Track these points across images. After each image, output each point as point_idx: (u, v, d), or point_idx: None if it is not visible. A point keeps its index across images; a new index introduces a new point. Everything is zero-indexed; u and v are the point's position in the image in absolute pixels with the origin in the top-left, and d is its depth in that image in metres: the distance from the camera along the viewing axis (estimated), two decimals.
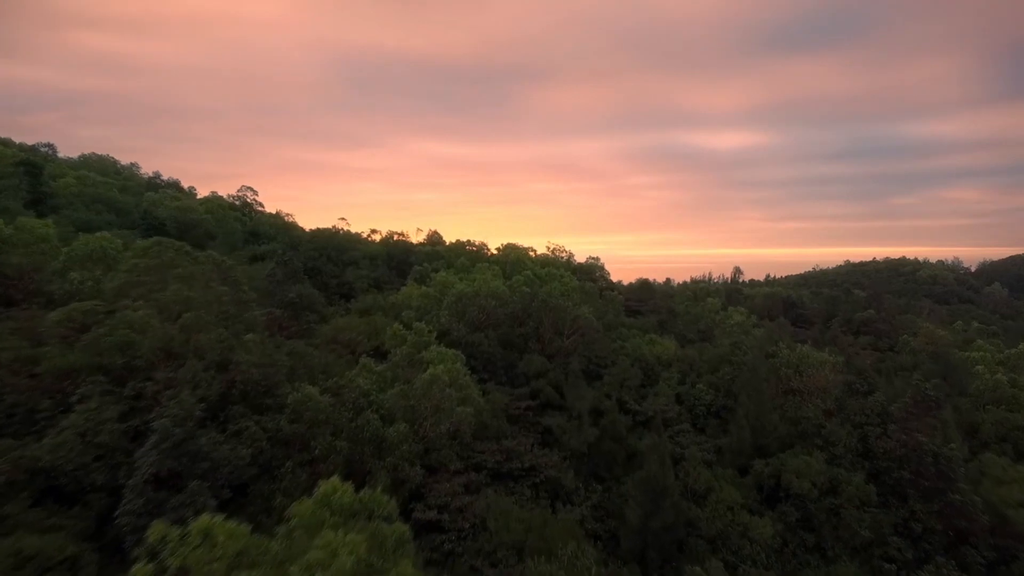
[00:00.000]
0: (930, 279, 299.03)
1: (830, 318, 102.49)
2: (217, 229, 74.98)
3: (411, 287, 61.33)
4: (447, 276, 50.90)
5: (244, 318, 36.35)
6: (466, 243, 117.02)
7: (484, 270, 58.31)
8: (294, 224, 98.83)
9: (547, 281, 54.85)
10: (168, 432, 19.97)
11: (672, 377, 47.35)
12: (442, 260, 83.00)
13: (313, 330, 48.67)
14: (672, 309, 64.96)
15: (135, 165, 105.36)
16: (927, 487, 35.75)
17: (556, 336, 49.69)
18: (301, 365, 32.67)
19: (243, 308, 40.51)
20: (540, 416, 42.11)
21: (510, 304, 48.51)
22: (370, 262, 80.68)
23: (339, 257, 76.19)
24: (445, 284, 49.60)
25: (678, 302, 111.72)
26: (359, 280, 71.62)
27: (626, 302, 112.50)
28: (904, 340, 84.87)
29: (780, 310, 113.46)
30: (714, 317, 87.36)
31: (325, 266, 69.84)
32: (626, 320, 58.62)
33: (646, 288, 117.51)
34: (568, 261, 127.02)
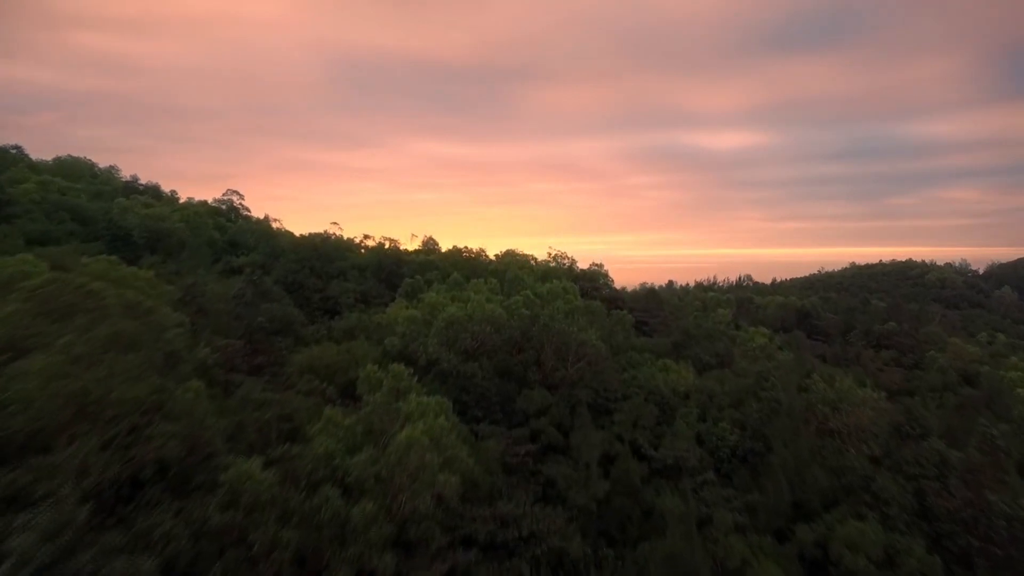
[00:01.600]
0: (939, 282, 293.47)
1: (848, 331, 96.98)
2: (192, 239, 69.40)
3: (399, 306, 55.81)
4: (437, 296, 45.36)
5: (193, 357, 30.72)
6: (463, 250, 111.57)
7: (479, 287, 52.76)
8: (281, 231, 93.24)
9: (549, 300, 49.27)
10: (28, 556, 14.48)
11: (690, 413, 41.72)
12: (436, 271, 77.39)
13: (285, 359, 43.08)
14: (687, 331, 59.23)
15: (114, 168, 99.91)
16: (1000, 557, 30.21)
17: (559, 364, 44.13)
18: (252, 420, 27.05)
19: (198, 340, 34.93)
20: (541, 463, 36.52)
21: (507, 329, 42.93)
22: (359, 273, 75.10)
23: (324, 269, 70.59)
24: (435, 306, 44.04)
25: (688, 312, 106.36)
26: (345, 295, 66.02)
27: (632, 311, 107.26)
28: (931, 357, 79.28)
29: (794, 321, 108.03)
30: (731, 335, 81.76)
31: (308, 280, 64.23)
32: (636, 342, 52.99)
33: (653, 297, 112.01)
34: (571, 267, 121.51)
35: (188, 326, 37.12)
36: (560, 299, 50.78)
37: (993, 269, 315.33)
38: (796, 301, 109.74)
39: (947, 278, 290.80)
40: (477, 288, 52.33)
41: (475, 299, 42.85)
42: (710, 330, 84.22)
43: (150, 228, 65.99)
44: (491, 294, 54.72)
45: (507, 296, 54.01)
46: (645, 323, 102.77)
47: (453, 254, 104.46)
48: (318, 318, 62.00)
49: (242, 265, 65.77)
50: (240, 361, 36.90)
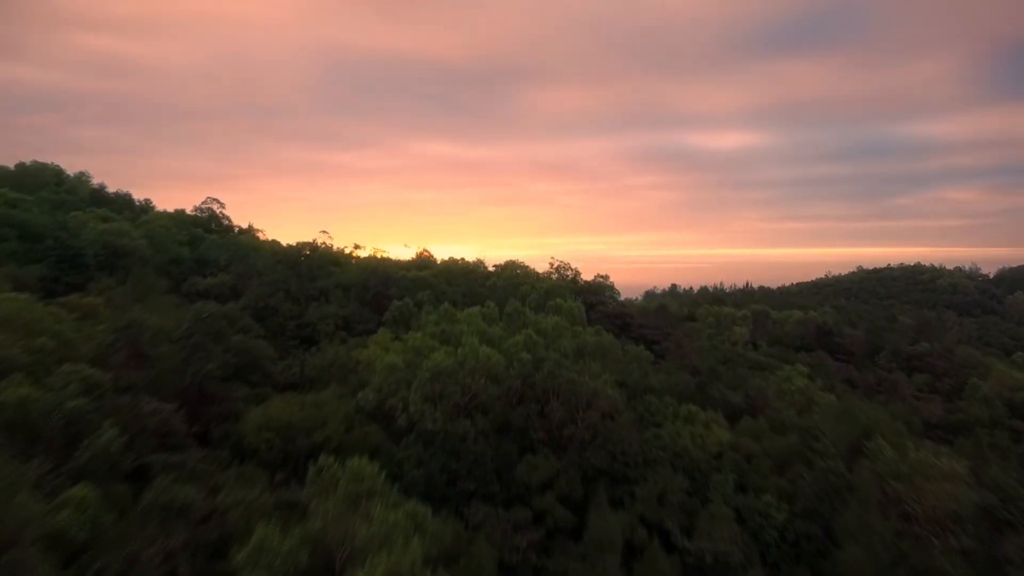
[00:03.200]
0: (950, 287, 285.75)
1: (875, 351, 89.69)
2: (155, 257, 62.26)
3: (382, 339, 48.70)
4: (423, 338, 38.26)
5: (93, 444, 23.50)
6: (459, 261, 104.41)
7: (473, 319, 45.57)
8: (265, 242, 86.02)
9: (554, 337, 42.15)
10: None
11: (726, 481, 34.59)
12: (428, 290, 70.24)
13: (240, 412, 35.95)
14: (713, 369, 52.01)
15: (84, 175, 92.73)
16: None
17: (568, 418, 37.00)
18: (153, 550, 19.83)
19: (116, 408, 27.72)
20: (547, 555, 29.44)
21: (506, 379, 35.82)
22: (343, 293, 67.93)
23: (303, 289, 63.44)
24: (419, 349, 36.94)
25: (702, 328, 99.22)
26: (324, 321, 58.86)
27: (641, 329, 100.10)
28: (973, 385, 72.08)
29: (813, 338, 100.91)
30: (752, 360, 74.84)
31: (282, 304, 57.06)
32: (654, 381, 45.81)
33: (664, 315, 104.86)
34: (574, 279, 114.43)
35: (109, 385, 30.08)
36: (567, 336, 43.59)
37: (1004, 273, 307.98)
38: (815, 316, 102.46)
39: (958, 283, 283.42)
40: (471, 321, 45.19)
41: (467, 342, 35.74)
42: (730, 356, 77.24)
43: (107, 245, 58.86)
44: (487, 325, 47.56)
45: (506, 325, 46.85)
46: (656, 342, 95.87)
47: (449, 267, 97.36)
48: (293, 349, 54.84)
49: (209, 288, 58.62)
50: (174, 430, 29.73)
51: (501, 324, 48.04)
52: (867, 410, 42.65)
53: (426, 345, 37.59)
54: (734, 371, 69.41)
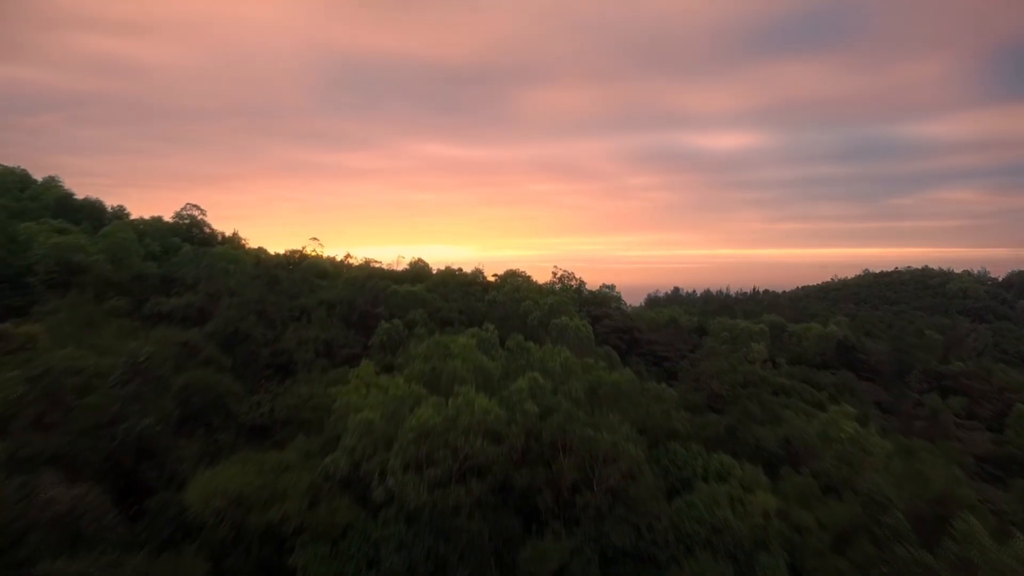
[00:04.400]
0: (960, 292, 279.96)
1: (903, 369, 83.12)
2: (116, 273, 55.88)
3: (365, 371, 42.21)
4: (407, 383, 31.78)
5: None
6: (456, 272, 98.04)
7: (469, 350, 39.15)
8: (247, 252, 79.60)
9: (566, 378, 35.73)
10: None
11: (777, 566, 28.17)
12: (421, 308, 63.88)
13: (186, 475, 29.52)
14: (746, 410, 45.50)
15: (53, 179, 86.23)
16: None
17: (581, 480, 30.65)
18: None
19: None
20: None
21: (507, 436, 29.40)
22: (327, 312, 61.56)
23: (282, 309, 57.06)
24: (402, 399, 30.51)
25: (716, 341, 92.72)
26: (303, 346, 52.50)
27: (651, 345, 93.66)
28: (1020, 412, 65.49)
29: (835, 355, 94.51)
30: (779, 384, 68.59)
31: (255, 329, 50.62)
32: (678, 425, 39.34)
33: (675, 329, 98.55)
34: (579, 289, 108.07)
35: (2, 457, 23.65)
36: (577, 373, 37.11)
37: (1013, 277, 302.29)
38: (835, 330, 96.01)
39: (969, 288, 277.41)
40: (467, 355, 38.76)
41: (461, 392, 29.29)
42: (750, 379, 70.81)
43: (60, 261, 52.45)
44: (486, 358, 41.16)
45: (508, 359, 40.39)
46: (667, 359, 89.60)
47: (445, 279, 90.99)
48: (266, 381, 48.48)
49: (173, 310, 52.19)
50: (83, 517, 23.22)
51: (502, 356, 41.63)
52: (935, 465, 36.32)
53: (411, 394, 31.17)
54: (759, 400, 63.10)
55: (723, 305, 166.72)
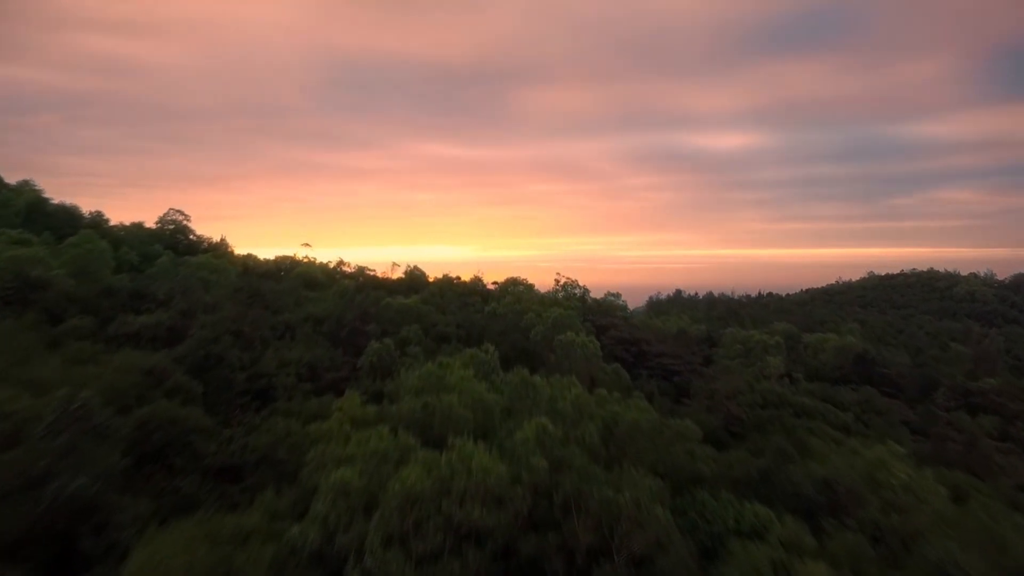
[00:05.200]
0: (968, 296, 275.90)
1: (929, 385, 78.31)
2: (81, 288, 51.09)
3: (349, 404, 37.52)
4: (391, 434, 26.93)
5: None
6: (455, 281, 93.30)
7: (466, 384, 34.44)
8: (234, 259, 74.69)
9: (578, 419, 30.94)
10: None
11: None
12: (416, 324, 59.10)
13: (128, 548, 24.75)
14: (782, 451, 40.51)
15: (27, 184, 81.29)
16: None
17: (598, 548, 25.87)
18: None
19: None
20: None
21: (512, 499, 24.63)
22: (313, 329, 56.79)
23: (264, 327, 52.29)
24: (386, 453, 25.68)
25: (728, 354, 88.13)
26: (284, 369, 47.76)
27: (659, 357, 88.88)
28: None
29: (854, 368, 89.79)
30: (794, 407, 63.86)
31: (230, 352, 45.82)
32: (702, 466, 34.56)
33: (684, 341, 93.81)
34: (583, 297, 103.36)
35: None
36: (592, 413, 32.30)
37: (1021, 278, 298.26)
38: (853, 342, 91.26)
39: (976, 290, 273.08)
40: (464, 386, 34.03)
41: (457, 447, 24.51)
42: (769, 398, 66.10)
43: (18, 276, 47.63)
44: (485, 387, 36.41)
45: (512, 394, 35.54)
46: (677, 373, 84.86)
47: (442, 288, 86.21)
48: (242, 411, 43.71)
49: (141, 329, 47.39)
50: None
51: (505, 388, 36.82)
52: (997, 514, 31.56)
53: (397, 446, 26.38)
54: (782, 425, 58.41)
55: (730, 311, 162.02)
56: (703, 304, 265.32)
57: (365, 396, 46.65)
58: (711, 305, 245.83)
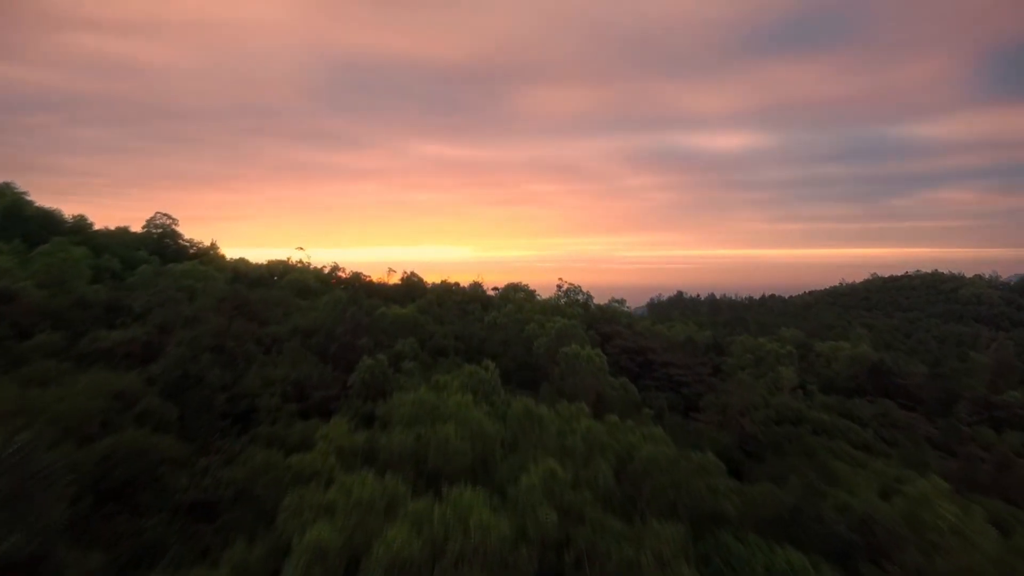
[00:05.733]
0: (974, 298, 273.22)
1: (948, 398, 74.93)
2: (52, 300, 47.68)
3: (336, 431, 34.23)
4: (372, 485, 23.50)
5: None
6: (453, 287, 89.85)
7: (463, 409, 31.05)
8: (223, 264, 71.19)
9: (589, 456, 27.38)
10: None
11: None
12: (410, 338, 55.69)
13: None
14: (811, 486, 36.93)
15: (9, 185, 77.73)
16: None
17: None
18: None
19: None
20: None
21: (518, 562, 21.21)
22: (301, 342, 53.35)
23: (249, 340, 48.91)
24: (372, 503, 22.24)
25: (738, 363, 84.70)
26: (269, 389, 44.30)
27: (666, 367, 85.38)
28: None
29: (868, 379, 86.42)
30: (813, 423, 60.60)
31: (210, 371, 42.41)
32: (726, 504, 31.14)
33: (692, 350, 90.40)
34: (586, 304, 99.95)
35: None
36: (604, 447, 28.87)
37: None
38: (867, 351, 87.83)
39: (982, 293, 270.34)
40: (461, 413, 30.65)
41: (455, 499, 21.13)
42: (784, 413, 62.74)
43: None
44: (484, 415, 33.01)
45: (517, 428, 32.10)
46: (685, 384, 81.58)
47: (439, 295, 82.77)
48: (220, 436, 40.21)
49: (115, 345, 43.98)
50: None
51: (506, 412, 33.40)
52: None
53: (384, 494, 22.95)
54: (801, 444, 55.06)
55: (735, 316, 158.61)
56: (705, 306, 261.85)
57: (355, 418, 43.29)
58: (714, 308, 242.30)
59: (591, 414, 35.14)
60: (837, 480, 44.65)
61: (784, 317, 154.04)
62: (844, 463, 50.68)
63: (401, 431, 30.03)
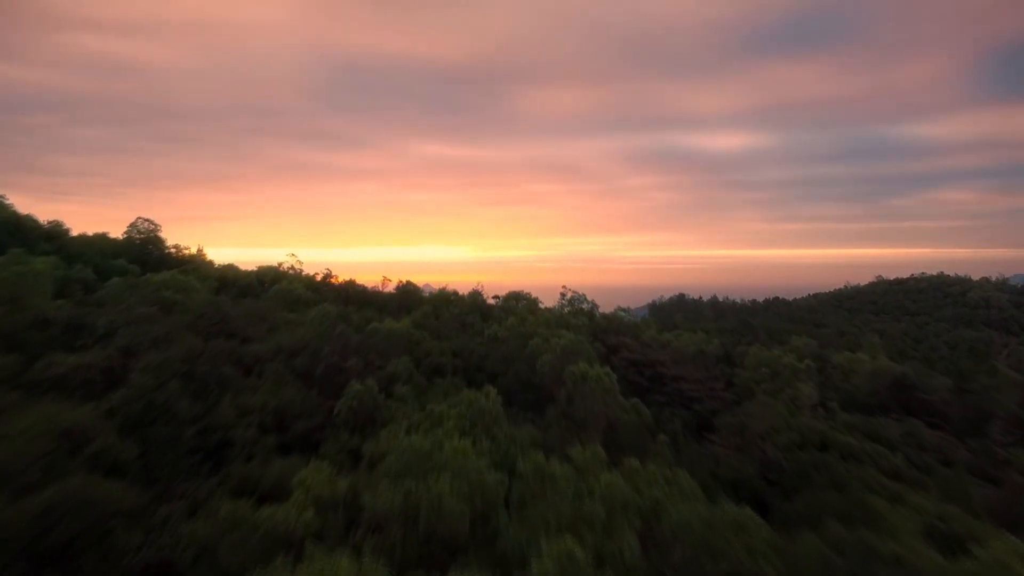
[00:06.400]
0: (983, 302, 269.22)
1: (979, 415, 70.73)
2: (7, 319, 43.15)
3: (314, 479, 29.90)
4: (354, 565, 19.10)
5: None
6: (452, 296, 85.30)
7: (460, 460, 26.63)
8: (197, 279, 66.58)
9: (612, 527, 22.77)
10: None
11: None
12: (404, 357, 51.19)
13: None
14: (870, 549, 32.47)
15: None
16: None
17: None
18: None
19: None
20: None
21: None
22: (285, 363, 48.83)
23: (221, 364, 44.35)
24: None
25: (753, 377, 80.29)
26: (244, 420, 39.80)
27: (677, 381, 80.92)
28: None
29: (890, 394, 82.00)
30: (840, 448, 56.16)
31: (179, 401, 37.87)
32: (771, 572, 26.65)
33: (703, 363, 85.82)
34: (592, 314, 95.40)
35: None
36: (624, 508, 24.41)
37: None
38: (889, 364, 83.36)
39: (991, 296, 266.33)
40: (457, 464, 26.20)
41: None
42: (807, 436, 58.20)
43: None
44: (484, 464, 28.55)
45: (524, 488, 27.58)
46: (696, 399, 77.25)
47: (437, 306, 78.23)
48: (187, 478, 35.68)
49: (72, 371, 39.40)
50: None
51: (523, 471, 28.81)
52: None
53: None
54: (830, 475, 50.53)
55: (742, 321, 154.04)
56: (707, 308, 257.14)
57: (342, 452, 38.83)
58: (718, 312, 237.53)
59: (605, 455, 30.62)
60: (877, 520, 40.17)
61: (792, 324, 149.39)
62: (880, 496, 46.19)
63: (388, 487, 25.51)
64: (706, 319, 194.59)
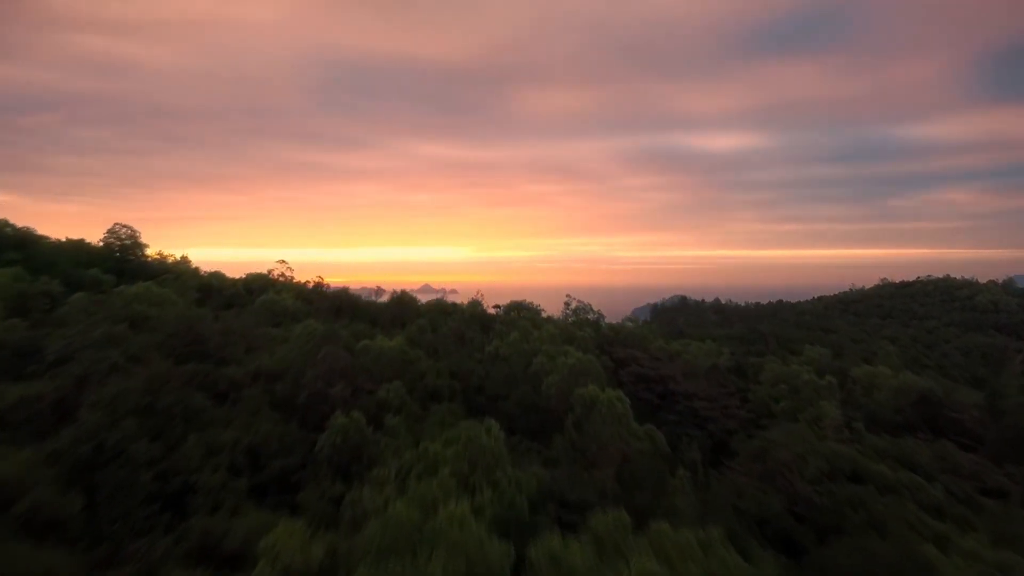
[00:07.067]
0: (992, 305, 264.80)
1: (1017, 439, 66.08)
2: None
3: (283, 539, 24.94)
4: None
5: None
6: (451, 308, 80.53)
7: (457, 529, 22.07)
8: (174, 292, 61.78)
9: None
10: None
11: None
12: (396, 381, 46.40)
13: None
14: None
15: None
16: None
17: None
18: None
19: None
20: None
21: None
22: (264, 389, 43.99)
23: (187, 396, 39.48)
24: None
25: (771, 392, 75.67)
26: (212, 460, 34.98)
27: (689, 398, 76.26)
28: None
29: (916, 412, 77.38)
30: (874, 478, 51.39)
31: (135, 444, 33.04)
32: None
33: (714, 378, 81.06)
34: (598, 323, 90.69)
35: None
36: None
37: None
38: (914, 379, 78.63)
39: (1000, 300, 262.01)
40: (454, 536, 21.65)
41: None
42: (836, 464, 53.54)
43: None
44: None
45: None
46: (711, 419, 72.53)
47: (433, 318, 73.43)
48: (143, 527, 30.91)
49: (15, 405, 34.56)
50: None
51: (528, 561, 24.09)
52: None
53: None
54: (868, 512, 45.72)
55: (750, 327, 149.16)
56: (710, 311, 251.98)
57: (322, 500, 34.02)
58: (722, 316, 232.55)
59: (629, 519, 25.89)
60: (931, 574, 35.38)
61: (802, 331, 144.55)
62: (925, 538, 41.46)
63: (368, 571, 20.72)
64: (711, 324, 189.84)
